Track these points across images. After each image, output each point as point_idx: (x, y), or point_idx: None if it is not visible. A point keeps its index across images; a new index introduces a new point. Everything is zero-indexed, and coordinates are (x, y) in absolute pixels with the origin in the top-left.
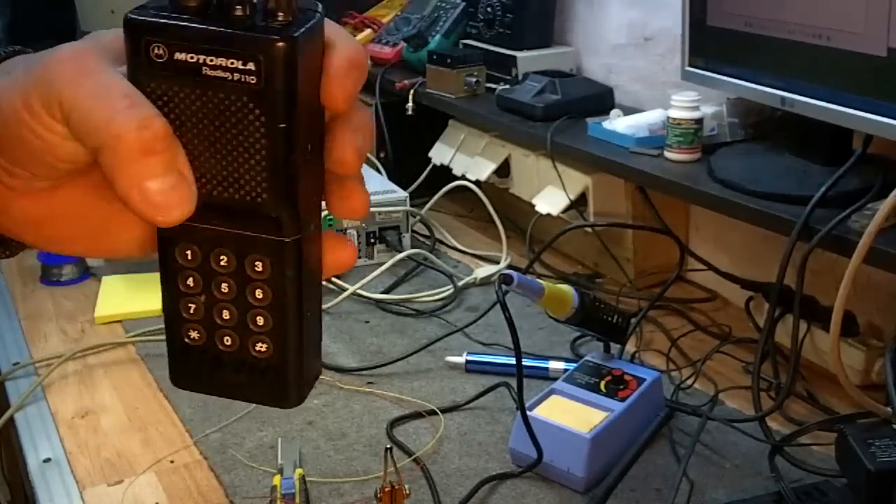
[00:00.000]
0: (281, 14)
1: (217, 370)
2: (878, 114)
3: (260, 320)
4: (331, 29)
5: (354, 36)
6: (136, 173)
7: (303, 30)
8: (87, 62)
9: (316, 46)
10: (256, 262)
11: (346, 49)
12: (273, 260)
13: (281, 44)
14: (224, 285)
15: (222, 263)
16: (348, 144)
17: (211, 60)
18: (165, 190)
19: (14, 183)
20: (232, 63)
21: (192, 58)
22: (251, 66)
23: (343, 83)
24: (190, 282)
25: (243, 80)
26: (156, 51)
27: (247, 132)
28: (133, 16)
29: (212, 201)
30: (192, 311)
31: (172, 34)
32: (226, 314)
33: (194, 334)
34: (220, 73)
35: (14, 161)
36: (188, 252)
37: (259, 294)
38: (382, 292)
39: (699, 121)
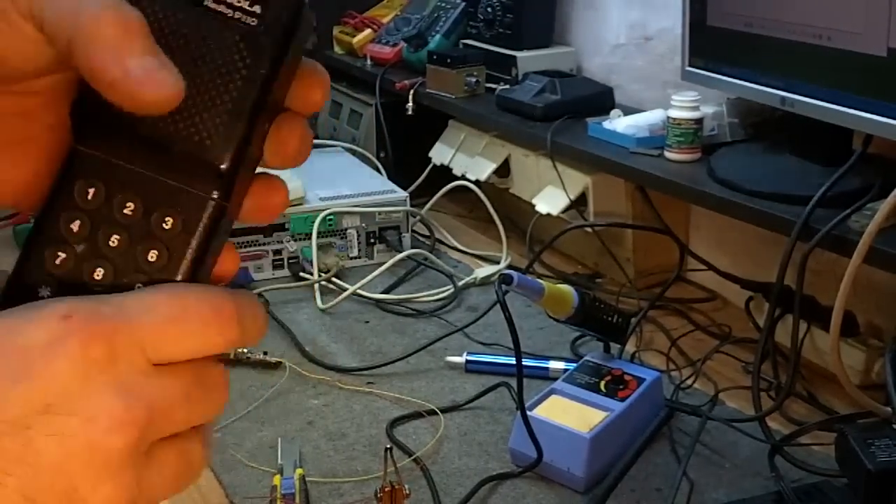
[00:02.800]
0: None
1: None
2: (878, 114)
3: (137, 285)
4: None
5: (354, 36)
6: (117, 53)
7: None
8: None
9: (308, 29)
10: (167, 218)
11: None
12: (186, 218)
13: None
14: (114, 238)
15: (125, 211)
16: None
17: None
18: (151, 68)
19: None
20: (239, 2)
21: None
22: (256, 7)
23: (322, 82)
24: (75, 226)
25: (243, 19)
26: None
27: (224, 72)
28: None
29: (152, 133)
30: (58, 261)
31: None
32: (99, 273)
33: (47, 290)
34: (222, 8)
35: None
36: (90, 190)
37: (151, 256)
38: (382, 292)
39: (699, 121)
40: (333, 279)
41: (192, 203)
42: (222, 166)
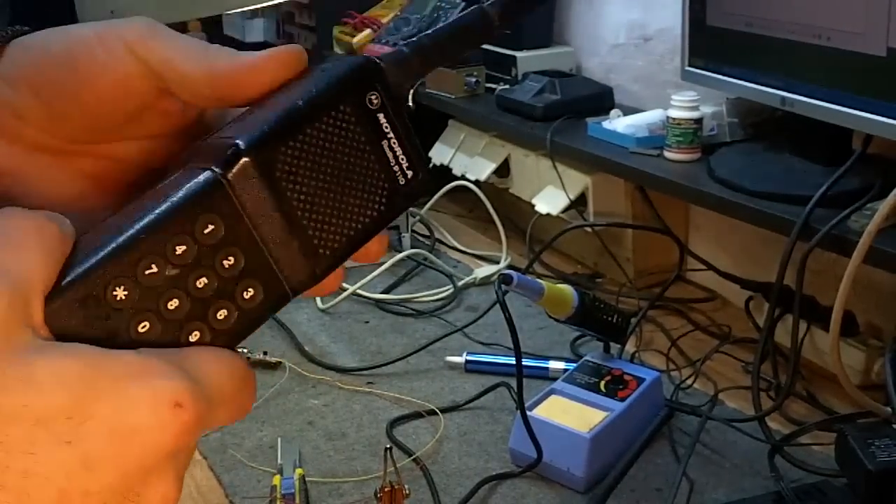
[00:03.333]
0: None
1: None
2: (878, 114)
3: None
4: None
5: (354, 36)
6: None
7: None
8: (160, 24)
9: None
10: (250, 288)
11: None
12: (265, 297)
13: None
14: (202, 280)
15: (225, 263)
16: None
17: (394, 142)
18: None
19: (28, 135)
20: (402, 160)
21: (386, 127)
22: (410, 172)
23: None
24: (180, 250)
25: (397, 173)
26: (373, 99)
27: (363, 204)
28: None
29: (289, 211)
30: (148, 272)
31: (394, 98)
32: (174, 303)
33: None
34: (390, 155)
35: (60, 113)
36: (210, 226)
37: (220, 315)
38: (382, 292)
39: (699, 121)
40: None
41: (275, 291)
42: (318, 272)
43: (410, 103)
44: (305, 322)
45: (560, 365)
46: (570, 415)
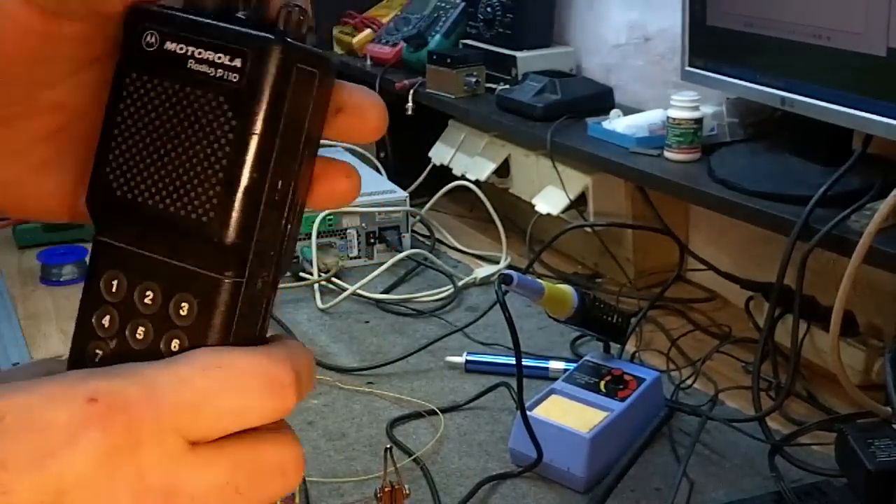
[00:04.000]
0: (287, 26)
1: None
2: (878, 114)
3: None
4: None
5: (354, 36)
6: None
7: (304, 46)
8: None
9: (316, 82)
10: (182, 304)
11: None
12: (200, 302)
13: (275, 46)
14: (140, 330)
15: (146, 301)
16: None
17: (199, 53)
18: None
19: None
20: (219, 58)
21: (181, 48)
22: (237, 61)
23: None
24: (105, 321)
25: (226, 76)
26: (148, 38)
27: (213, 137)
28: (138, 4)
29: (158, 214)
30: (97, 359)
31: (168, 22)
32: None
33: None
34: (204, 68)
35: None
36: (114, 282)
37: (174, 346)
38: (382, 292)
39: (699, 121)
40: (333, 279)
41: (204, 286)
42: (226, 244)
43: (411, 103)
44: (305, 322)
45: (560, 365)
46: (570, 415)
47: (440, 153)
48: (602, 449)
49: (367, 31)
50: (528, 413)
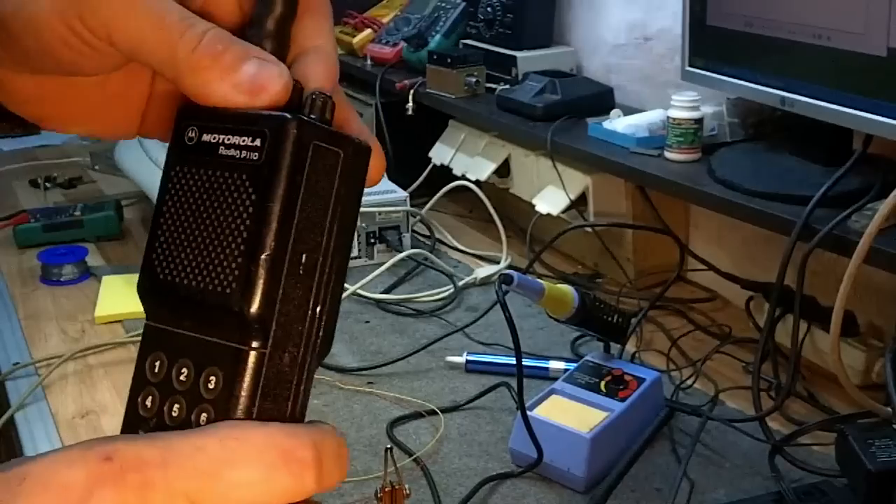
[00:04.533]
0: (312, 111)
1: None
2: (878, 114)
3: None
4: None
5: (354, 36)
6: (214, 78)
7: (323, 126)
8: None
9: (340, 161)
10: (210, 377)
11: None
12: (226, 374)
13: (290, 122)
14: (175, 407)
15: (181, 378)
16: None
17: (227, 139)
18: (250, 78)
19: (19, 68)
20: (243, 141)
21: (214, 138)
22: (257, 142)
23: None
24: (148, 402)
25: (248, 157)
26: (189, 133)
27: (237, 213)
28: (184, 103)
29: (189, 292)
30: None
31: (206, 116)
32: None
33: None
34: (232, 152)
35: (33, 62)
36: (157, 363)
37: (202, 420)
38: (382, 292)
39: (699, 121)
40: None
41: (229, 357)
42: (246, 314)
43: (411, 103)
44: None
45: (560, 365)
46: (571, 415)
47: (440, 153)
48: (602, 449)
49: (368, 31)
50: (528, 413)
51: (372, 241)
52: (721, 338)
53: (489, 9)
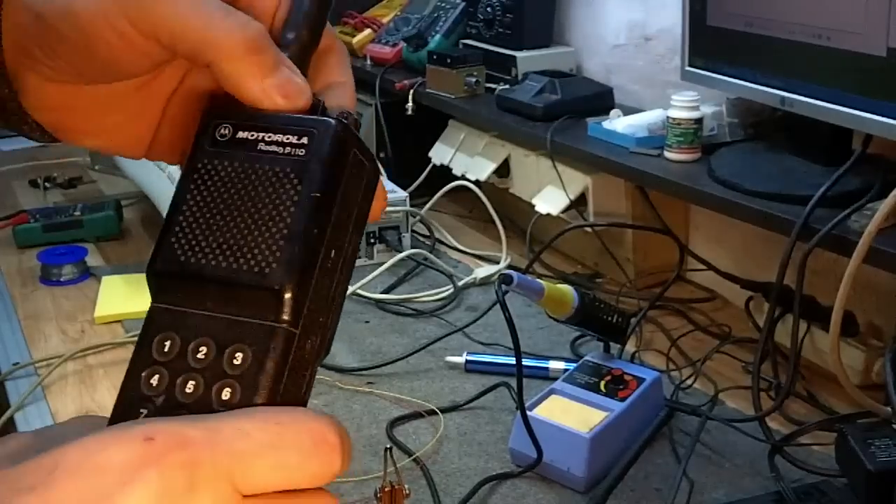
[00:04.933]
0: (344, 115)
1: None
2: (878, 114)
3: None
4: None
5: (354, 36)
6: (253, 73)
7: (357, 135)
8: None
9: (366, 172)
10: (237, 353)
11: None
12: (255, 350)
13: (334, 123)
14: (190, 384)
15: (199, 356)
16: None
17: (269, 137)
18: (283, 83)
19: (52, 74)
20: (287, 138)
21: (252, 135)
22: (304, 139)
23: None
24: (154, 380)
25: (293, 152)
26: (221, 130)
27: (279, 201)
28: (211, 105)
29: (221, 274)
30: (143, 415)
31: (241, 115)
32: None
33: None
34: (273, 148)
35: (69, 62)
36: (167, 343)
37: (225, 394)
38: (382, 292)
39: (699, 121)
40: None
41: (261, 334)
42: (285, 292)
43: (411, 103)
44: None
45: (560, 365)
46: (570, 415)
47: (440, 153)
48: (602, 449)
49: (367, 31)
50: (528, 413)
51: (372, 241)
52: (721, 338)
53: (489, 9)
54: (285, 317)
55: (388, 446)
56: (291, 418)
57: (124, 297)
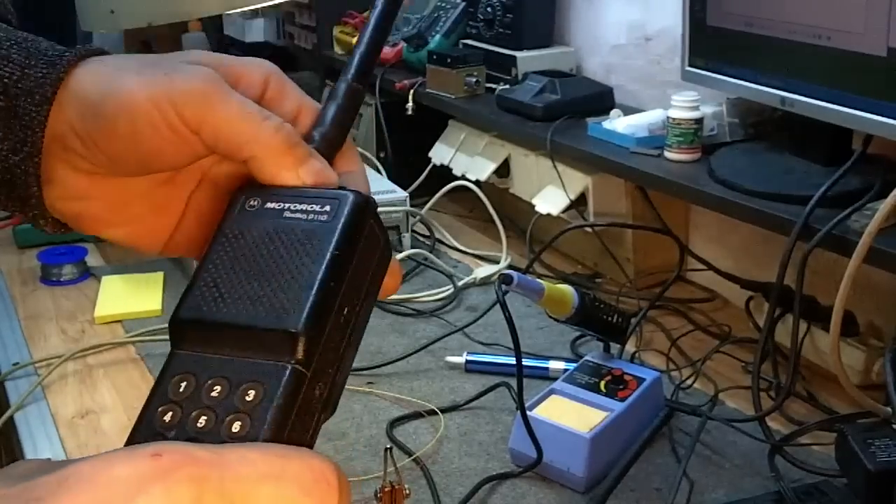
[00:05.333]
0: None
1: None
2: (878, 114)
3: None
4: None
5: (354, 36)
6: (289, 165)
7: (376, 211)
8: (220, 86)
9: (380, 247)
10: (249, 391)
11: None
12: (267, 387)
13: (354, 195)
14: (202, 419)
15: (212, 394)
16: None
17: (295, 205)
18: (317, 171)
19: (85, 166)
20: (312, 207)
21: (279, 204)
22: (327, 207)
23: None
24: (168, 416)
25: (316, 218)
26: (251, 202)
27: (300, 257)
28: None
29: (240, 323)
30: None
31: (268, 191)
32: None
33: None
34: (299, 215)
35: (109, 154)
36: (183, 384)
37: (235, 427)
38: None
39: (699, 121)
40: None
41: (273, 371)
42: (300, 334)
43: (411, 103)
44: None
45: (560, 365)
46: (570, 415)
47: (440, 153)
48: (602, 449)
49: None
50: (528, 413)
51: None
52: (721, 338)
53: (489, 9)
54: (298, 356)
55: (388, 446)
56: (296, 453)
57: (124, 296)
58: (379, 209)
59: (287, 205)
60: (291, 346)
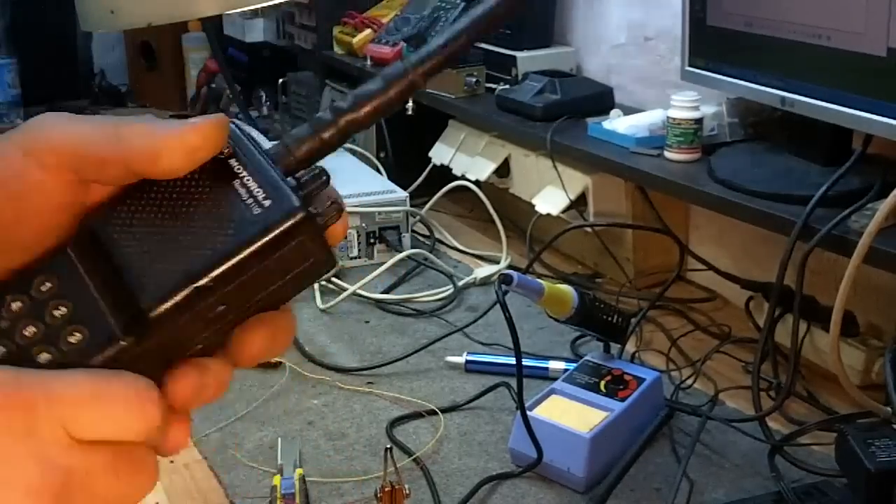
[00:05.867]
0: (322, 214)
1: None
2: (878, 114)
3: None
4: None
5: (354, 36)
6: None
7: (321, 235)
8: (66, 116)
9: (309, 263)
10: (76, 333)
11: None
12: (90, 343)
13: (299, 211)
14: (30, 329)
15: (55, 313)
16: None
17: (247, 179)
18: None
19: None
20: (257, 191)
21: (238, 169)
22: (267, 202)
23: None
24: (14, 305)
25: (251, 205)
26: (225, 150)
27: (211, 235)
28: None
29: (123, 259)
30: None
31: (247, 141)
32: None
33: None
34: (242, 191)
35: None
36: (47, 283)
37: (43, 358)
38: (382, 292)
39: (699, 121)
40: (333, 279)
41: (103, 334)
42: (148, 315)
43: (411, 103)
44: (305, 322)
45: (560, 365)
46: (570, 415)
47: (440, 153)
48: (602, 449)
49: (368, 31)
50: (528, 413)
51: (372, 241)
52: (721, 338)
53: None
54: (131, 334)
55: (388, 446)
56: (117, 375)
57: None
58: (379, 209)
59: (244, 171)
60: (131, 322)
